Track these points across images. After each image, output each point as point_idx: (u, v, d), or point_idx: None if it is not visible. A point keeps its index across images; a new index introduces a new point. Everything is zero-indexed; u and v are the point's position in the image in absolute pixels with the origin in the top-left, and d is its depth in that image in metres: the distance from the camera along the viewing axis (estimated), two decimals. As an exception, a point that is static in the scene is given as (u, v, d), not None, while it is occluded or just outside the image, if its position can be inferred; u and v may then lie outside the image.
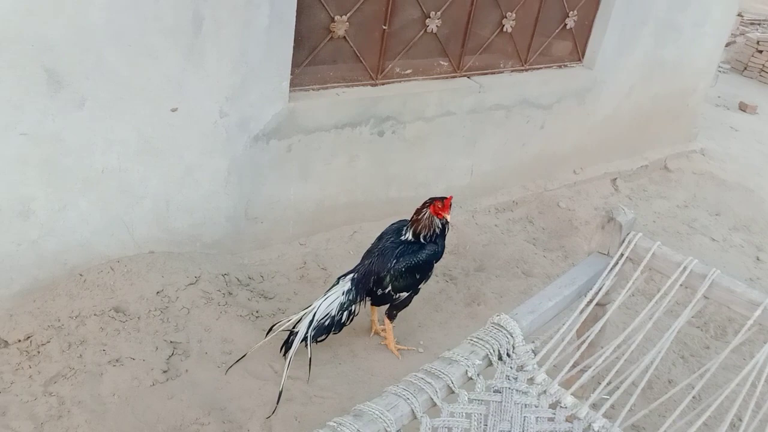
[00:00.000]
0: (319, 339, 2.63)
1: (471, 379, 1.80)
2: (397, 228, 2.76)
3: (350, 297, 2.65)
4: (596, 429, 1.78)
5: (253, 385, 2.53)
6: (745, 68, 8.43)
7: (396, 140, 3.37)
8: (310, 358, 2.56)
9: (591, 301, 2.25)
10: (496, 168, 3.95)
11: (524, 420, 1.76)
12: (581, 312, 2.22)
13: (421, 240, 2.66)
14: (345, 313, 2.66)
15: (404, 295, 2.72)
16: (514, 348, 1.94)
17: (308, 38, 2.95)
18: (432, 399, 1.69)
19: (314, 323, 2.58)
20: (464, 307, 3.20)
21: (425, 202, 2.66)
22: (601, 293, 2.29)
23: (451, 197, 2.64)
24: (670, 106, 4.94)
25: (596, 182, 4.65)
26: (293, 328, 2.61)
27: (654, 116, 4.83)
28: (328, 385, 2.60)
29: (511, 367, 1.90)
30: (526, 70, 3.89)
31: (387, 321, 2.81)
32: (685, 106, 5.11)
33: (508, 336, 1.94)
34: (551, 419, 1.79)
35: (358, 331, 2.90)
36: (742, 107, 7.04)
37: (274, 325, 2.64)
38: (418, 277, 2.69)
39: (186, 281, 2.82)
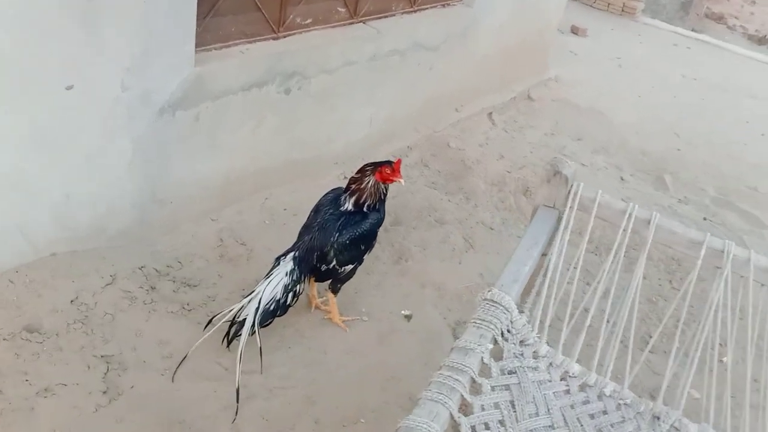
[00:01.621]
0: (264, 324, 2.45)
1: (485, 364, 1.76)
2: (333, 198, 2.59)
3: (294, 277, 2.47)
4: (608, 393, 1.82)
5: (206, 388, 2.31)
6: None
7: (302, 97, 3.13)
8: (260, 348, 2.37)
9: (556, 258, 2.27)
10: (392, 115, 3.85)
11: (545, 398, 1.75)
12: (550, 271, 2.23)
13: (364, 209, 2.52)
14: (290, 295, 2.48)
15: (349, 267, 2.58)
16: (512, 323, 1.91)
17: (205, -10, 2.60)
18: (463, 396, 1.62)
19: (260, 309, 2.39)
20: (393, 265, 3.13)
21: (365, 169, 2.50)
22: (558, 248, 2.30)
23: (400, 160, 2.51)
24: (531, 40, 5.07)
25: (475, 118, 4.70)
26: (235, 317, 2.40)
27: (519, 51, 4.94)
28: (285, 374, 2.45)
29: (514, 344, 1.88)
30: (416, 11, 3.76)
31: (331, 296, 2.67)
32: (542, 40, 5.28)
33: (505, 311, 1.91)
34: (567, 391, 1.80)
35: (299, 309, 2.73)
36: (574, 30, 7.42)
37: (213, 318, 2.41)
38: (362, 248, 2.56)
39: (101, 282, 2.47)
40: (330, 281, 2.63)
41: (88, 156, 2.37)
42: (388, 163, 2.48)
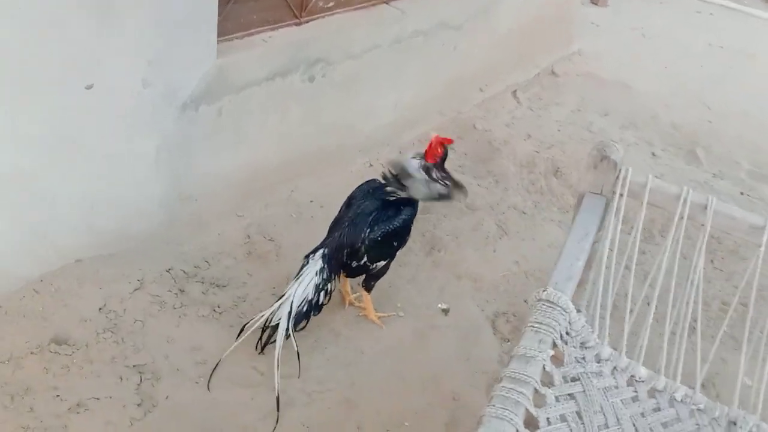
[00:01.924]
0: (299, 328, 2.35)
1: (547, 372, 1.64)
2: (367, 190, 2.46)
3: (324, 275, 2.35)
4: (679, 399, 1.71)
5: (242, 395, 2.21)
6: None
7: (326, 85, 3.00)
8: (298, 351, 2.27)
9: (609, 249, 2.14)
10: (417, 98, 3.70)
11: (613, 407, 1.64)
12: (604, 264, 2.10)
13: (401, 201, 2.40)
14: (322, 294, 2.37)
15: (381, 264, 2.47)
16: (571, 324, 1.79)
17: (225, -26, 2.46)
18: (528, 410, 1.51)
19: (293, 313, 2.28)
20: (425, 257, 3.01)
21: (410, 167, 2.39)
22: (612, 238, 2.17)
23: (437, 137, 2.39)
24: (554, 13, 4.89)
25: (500, 97, 4.54)
26: (267, 322, 2.30)
27: (541, 24, 4.76)
28: (323, 377, 2.35)
29: (574, 347, 1.77)
30: (438, -13, 3.60)
31: (365, 293, 2.56)
32: (566, 12, 5.09)
33: (563, 312, 1.78)
34: (635, 398, 1.69)
35: (332, 307, 2.62)
36: (594, 1, 7.19)
37: (245, 325, 2.31)
38: (395, 244, 2.45)
39: (129, 288, 2.37)
40: (363, 277, 2.52)
41: (111, 157, 2.26)
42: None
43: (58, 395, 2.01)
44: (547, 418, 1.54)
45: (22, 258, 2.17)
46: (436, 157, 2.40)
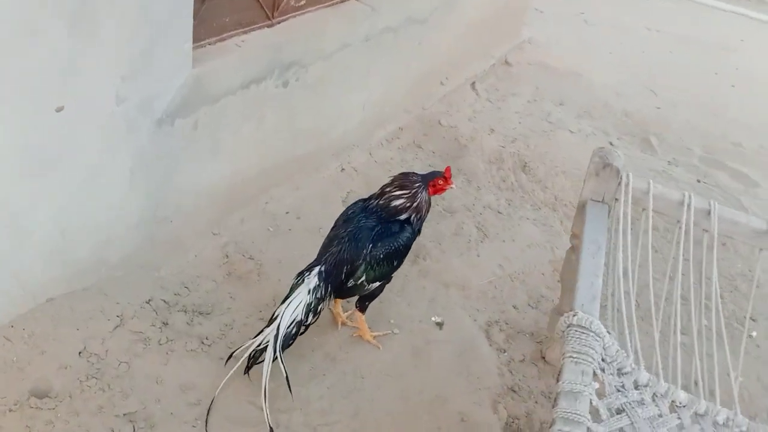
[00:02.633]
0: (285, 348, 2.19)
1: (593, 406, 1.57)
2: (363, 207, 2.33)
3: (318, 294, 2.20)
4: (721, 422, 1.67)
5: (244, 436, 2.06)
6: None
7: (300, 88, 2.82)
8: (287, 377, 2.12)
9: (623, 262, 2.08)
10: (385, 97, 3.57)
11: (661, 437, 1.58)
12: (621, 279, 2.04)
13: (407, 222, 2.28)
14: (311, 314, 2.22)
15: (375, 285, 2.34)
16: (605, 350, 1.72)
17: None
18: (585, 452, 1.43)
19: (280, 336, 2.13)
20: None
21: (413, 186, 2.24)
22: (623, 251, 2.12)
23: (449, 168, 2.27)
24: (511, 3, 4.83)
25: (460, 90, 4.46)
26: (256, 348, 2.15)
27: (497, 13, 4.70)
28: (326, 408, 2.22)
29: (612, 374, 1.70)
30: (405, -18, 3.46)
31: (359, 314, 2.43)
32: (520, 1, 5.05)
33: (597, 338, 1.72)
34: (680, 427, 1.64)
35: (325, 328, 2.49)
36: (534, -15, 7.17)
37: (233, 352, 2.15)
38: (395, 264, 2.32)
39: (109, 326, 2.16)
40: (357, 298, 2.39)
41: (84, 181, 2.04)
42: (439, 174, 2.24)
43: (44, 456, 1.81)
44: (601, 459, 1.47)
45: (-11, 302, 1.93)
46: (438, 192, 2.27)
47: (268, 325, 2.15)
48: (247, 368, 2.16)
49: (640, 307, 2.38)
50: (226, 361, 2.19)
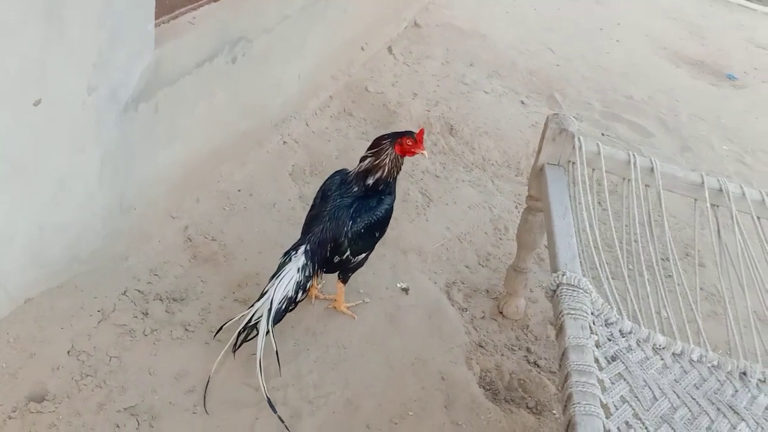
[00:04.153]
0: (276, 323, 2.23)
1: (595, 356, 1.74)
2: (340, 181, 2.36)
3: (307, 273, 2.25)
4: (696, 359, 1.89)
5: (247, 416, 2.09)
6: None
7: (247, 63, 2.78)
8: (277, 351, 2.17)
9: (589, 220, 2.26)
10: (316, 66, 3.57)
11: (654, 379, 1.78)
12: (590, 236, 2.22)
13: (378, 189, 2.33)
14: (301, 291, 2.27)
15: (361, 257, 2.41)
16: (593, 304, 1.90)
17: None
18: (601, 400, 1.60)
19: (272, 312, 2.17)
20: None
21: (381, 143, 2.29)
22: (588, 210, 2.29)
23: (423, 129, 2.32)
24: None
25: (380, 55, 4.51)
26: (247, 323, 2.17)
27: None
28: (318, 381, 2.28)
29: (601, 326, 1.88)
30: (333, -51, 3.44)
31: (340, 285, 2.49)
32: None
33: (586, 293, 1.89)
34: (664, 366, 1.85)
35: (300, 304, 2.52)
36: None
37: (223, 325, 2.18)
38: (377, 235, 2.39)
39: (92, 321, 2.10)
40: (339, 271, 2.45)
41: (57, 176, 1.95)
42: (409, 133, 2.29)
43: (53, 461, 1.76)
44: (613, 403, 1.64)
45: (-31, 310, 1.82)
46: (405, 152, 2.32)
47: (258, 300, 2.16)
48: (236, 346, 2.18)
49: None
50: (215, 334, 2.21)
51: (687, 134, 4.80)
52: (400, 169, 2.36)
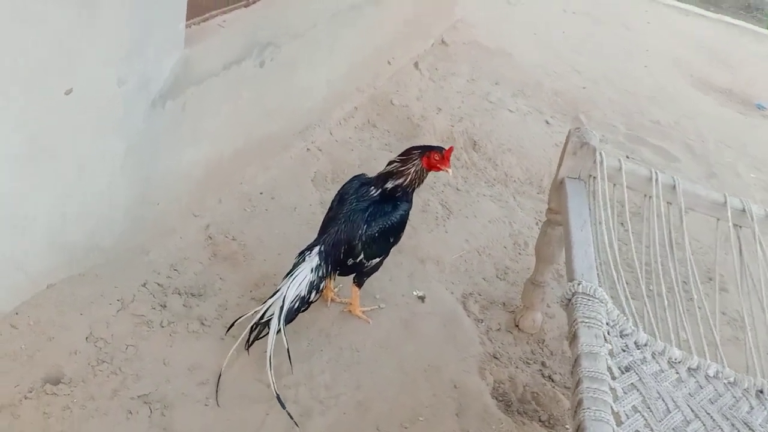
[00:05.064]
0: (288, 323, 2.24)
1: (609, 366, 1.73)
2: (358, 185, 2.39)
3: (320, 273, 2.27)
4: (712, 374, 1.87)
5: (257, 412, 2.11)
6: None
7: (274, 68, 2.83)
8: (288, 350, 2.19)
9: (607, 234, 2.25)
10: (344, 75, 3.62)
11: (667, 392, 1.76)
12: (608, 248, 2.20)
13: (396, 195, 2.35)
14: (314, 291, 2.29)
15: (375, 261, 2.42)
16: (608, 314, 1.89)
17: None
18: (613, 408, 1.59)
19: (285, 310, 2.18)
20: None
21: (411, 152, 2.32)
22: (606, 223, 2.29)
23: (452, 147, 2.35)
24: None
25: (406, 70, 4.55)
26: (259, 319, 2.19)
27: (438, -7, 4.81)
28: (329, 382, 2.29)
29: (616, 337, 1.87)
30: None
31: (355, 289, 2.50)
32: (454, -23, 5.17)
33: (601, 303, 1.88)
34: (679, 379, 1.82)
35: (315, 305, 2.52)
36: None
37: (237, 320, 2.20)
38: (391, 240, 2.41)
39: (111, 310, 2.14)
40: (354, 275, 2.46)
41: (83, 165, 2.00)
42: (438, 149, 2.31)
43: (66, 443, 1.79)
44: (624, 412, 1.63)
45: (-7, 291, 1.87)
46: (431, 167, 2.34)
47: (271, 297, 2.18)
48: (249, 343, 2.20)
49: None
50: (228, 329, 2.23)
51: (713, 161, 4.77)
52: (422, 182, 2.38)
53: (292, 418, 2.06)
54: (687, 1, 8.08)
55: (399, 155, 2.34)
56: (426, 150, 2.31)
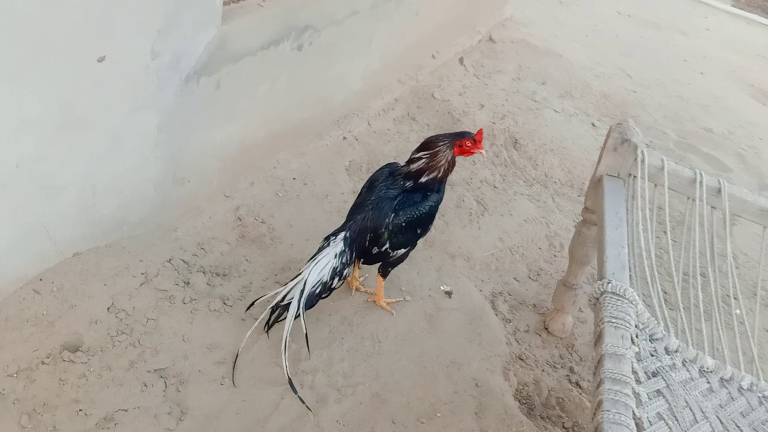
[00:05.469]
0: (309, 308, 2.21)
1: (634, 369, 1.65)
2: (389, 173, 2.34)
3: (343, 260, 2.23)
4: (746, 387, 1.77)
5: (272, 395, 2.08)
6: None
7: (312, 53, 2.81)
8: (306, 334, 2.15)
9: (644, 235, 2.16)
10: (382, 66, 3.58)
11: (696, 401, 1.67)
12: (644, 250, 2.11)
13: (428, 186, 2.30)
14: (336, 278, 2.25)
15: (401, 251, 2.37)
16: (638, 317, 1.81)
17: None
18: (635, 412, 1.51)
19: (305, 294, 2.15)
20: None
21: (438, 144, 2.26)
22: (643, 224, 2.20)
23: (481, 130, 2.29)
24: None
25: (450, 65, 4.49)
26: (279, 301, 2.16)
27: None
28: (348, 370, 2.25)
29: (645, 340, 1.79)
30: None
31: (379, 279, 2.46)
32: (504, -26, 5.09)
33: (631, 304, 1.80)
34: (710, 389, 1.73)
35: (340, 293, 2.50)
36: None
37: (256, 300, 2.19)
38: (419, 231, 2.35)
39: (134, 283, 2.14)
40: (380, 264, 2.42)
41: (115, 136, 2.00)
42: (468, 134, 2.26)
43: (81, 409, 1.79)
44: (648, 418, 1.55)
45: (18, 256, 1.88)
46: (464, 153, 2.29)
47: (292, 279, 2.16)
48: (269, 326, 2.17)
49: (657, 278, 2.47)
50: (248, 308, 2.21)
51: (767, 172, 4.58)
52: (453, 167, 2.32)
53: (304, 402, 2.03)
54: (750, 10, 7.83)
55: (421, 150, 2.27)
56: (454, 138, 2.25)
